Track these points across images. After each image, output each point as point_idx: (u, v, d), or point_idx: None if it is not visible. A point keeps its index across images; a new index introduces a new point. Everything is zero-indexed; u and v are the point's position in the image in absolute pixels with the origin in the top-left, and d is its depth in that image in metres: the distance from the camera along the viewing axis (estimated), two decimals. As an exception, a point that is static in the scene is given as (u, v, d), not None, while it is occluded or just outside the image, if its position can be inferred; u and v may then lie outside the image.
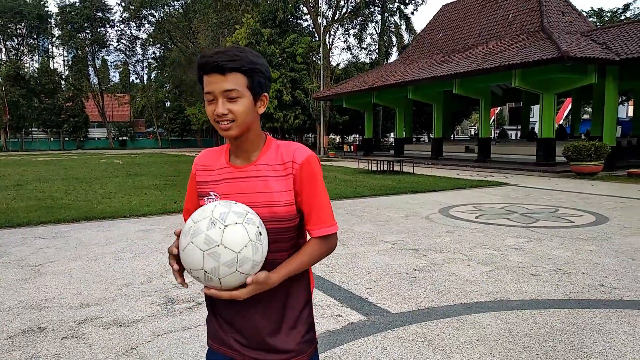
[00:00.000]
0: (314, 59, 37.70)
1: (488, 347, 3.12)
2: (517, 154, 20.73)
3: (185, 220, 1.35)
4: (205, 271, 1.18)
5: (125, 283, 4.61)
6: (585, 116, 39.91)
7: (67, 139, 54.13)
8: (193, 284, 4.49)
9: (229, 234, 1.17)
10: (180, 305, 3.99)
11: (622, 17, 39.69)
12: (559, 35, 17.74)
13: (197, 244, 1.18)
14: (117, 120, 61.83)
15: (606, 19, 40.62)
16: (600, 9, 42.47)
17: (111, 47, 56.22)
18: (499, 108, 43.19)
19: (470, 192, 11.62)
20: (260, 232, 1.23)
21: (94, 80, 56.26)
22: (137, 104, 66.04)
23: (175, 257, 1.28)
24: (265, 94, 1.35)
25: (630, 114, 33.66)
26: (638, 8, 68.39)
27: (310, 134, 51.02)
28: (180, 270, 1.29)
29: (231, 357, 1.40)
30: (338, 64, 44.82)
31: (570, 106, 28.57)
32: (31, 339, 3.34)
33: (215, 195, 1.38)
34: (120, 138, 59.40)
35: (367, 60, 45.69)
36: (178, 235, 1.27)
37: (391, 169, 17.83)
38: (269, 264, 1.30)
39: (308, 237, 1.42)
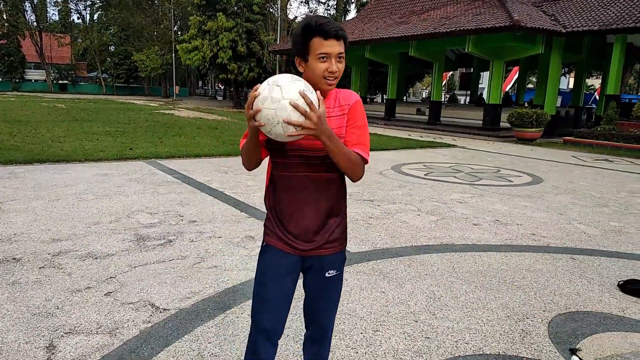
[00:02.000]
0: (271, 10, 36.74)
1: (434, 279, 3.58)
2: (465, 118, 21.61)
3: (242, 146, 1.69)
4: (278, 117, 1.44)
5: (93, 222, 4.72)
6: (530, 85, 41.64)
7: (0, 79, 50.44)
8: (162, 224, 4.70)
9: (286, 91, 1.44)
10: (151, 242, 4.19)
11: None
12: (512, 4, 18.29)
13: (269, 106, 1.44)
14: (57, 62, 57.96)
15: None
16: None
17: (51, -18, 51.86)
18: (450, 73, 44.20)
19: (421, 152, 12.20)
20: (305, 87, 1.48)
21: (32, 18, 52.08)
22: (79, 46, 62.03)
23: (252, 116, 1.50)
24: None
25: (571, 85, 35.47)
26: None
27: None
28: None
29: (282, 249, 1.72)
30: (295, 17, 43.87)
31: (517, 75, 29.75)
32: (8, 268, 3.46)
33: None
34: (60, 81, 55.99)
35: (325, 16, 45.04)
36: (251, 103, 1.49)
37: (345, 126, 18.16)
38: (324, 181, 1.68)
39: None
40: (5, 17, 48.68)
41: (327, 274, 1.77)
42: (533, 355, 2.57)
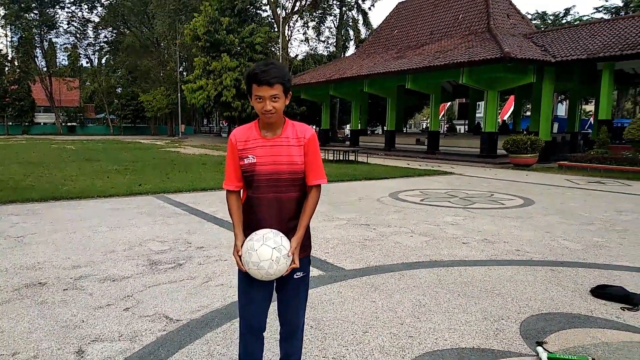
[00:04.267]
0: (273, 49, 38.04)
1: (421, 290, 3.93)
2: (463, 147, 22.13)
3: (227, 186, 2.17)
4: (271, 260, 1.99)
5: (108, 250, 5.12)
6: (528, 113, 42.37)
7: (11, 123, 51.83)
8: (172, 250, 5.09)
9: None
10: (163, 266, 4.57)
11: (564, 20, 42.36)
12: (503, 37, 19.10)
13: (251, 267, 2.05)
14: (66, 105, 59.61)
15: (549, 21, 43.21)
16: (544, 12, 45.11)
17: (61, 29, 53.96)
18: (449, 103, 45.12)
19: (418, 180, 12.62)
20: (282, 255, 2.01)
21: (42, 63, 53.93)
22: (87, 89, 63.87)
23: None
24: (290, 92, 2.07)
25: (568, 112, 36.02)
26: (577, 13, 72.79)
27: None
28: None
29: None
30: (296, 56, 45.29)
31: (513, 103, 30.45)
32: (36, 291, 3.85)
33: (252, 156, 2.08)
34: (69, 124, 57.42)
35: (325, 53, 46.44)
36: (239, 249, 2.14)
37: (347, 158, 18.69)
38: (288, 200, 2.11)
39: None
40: (16, 64, 50.48)
41: (295, 276, 2.17)
42: (504, 349, 2.91)
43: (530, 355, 2.82)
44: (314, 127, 51.23)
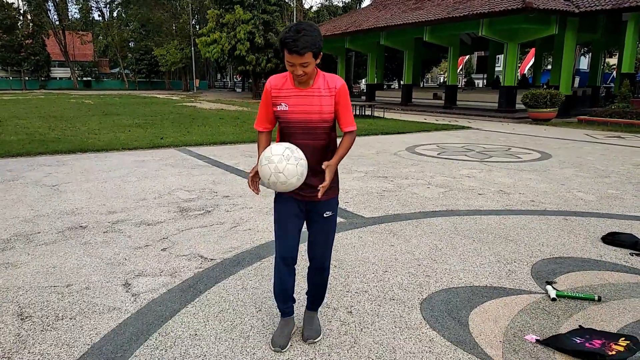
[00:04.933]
0: (287, 0, 37.18)
1: (437, 236, 4.14)
2: (481, 101, 21.84)
3: (258, 127, 2.39)
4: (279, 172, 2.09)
5: (140, 198, 5.41)
6: (549, 67, 41.23)
7: (28, 78, 52.19)
8: (200, 199, 5.35)
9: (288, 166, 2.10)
10: (193, 212, 4.84)
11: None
12: (525, -14, 18.40)
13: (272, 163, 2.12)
14: (80, 59, 59.59)
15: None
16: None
17: (71, -19, 53.14)
18: (467, 56, 43.99)
19: (436, 134, 12.66)
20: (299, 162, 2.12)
21: (54, 17, 53.59)
22: (100, 43, 63.53)
23: (253, 176, 2.26)
24: (320, 53, 2.18)
25: (590, 65, 34.98)
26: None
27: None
28: (255, 181, 2.28)
29: (289, 196, 2.35)
30: (311, 7, 44.24)
31: (533, 57, 29.65)
32: (78, 233, 4.15)
33: (285, 104, 2.25)
34: (84, 78, 57.58)
35: (340, 4, 45.25)
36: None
37: (363, 113, 18.65)
38: (320, 147, 2.28)
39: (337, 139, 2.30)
40: (30, 17, 50.24)
41: (324, 214, 2.40)
42: (515, 287, 3.13)
43: (539, 293, 3.04)
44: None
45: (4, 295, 2.94)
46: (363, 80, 46.47)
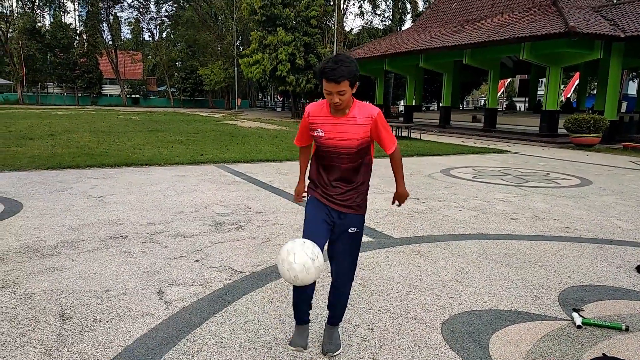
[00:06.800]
0: (328, 23, 37.92)
1: (465, 259, 4.14)
2: (522, 125, 21.43)
3: (297, 143, 2.68)
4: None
5: (178, 211, 5.65)
6: (594, 91, 40.06)
7: (80, 94, 55.04)
8: (234, 214, 5.53)
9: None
10: (226, 227, 5.03)
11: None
12: (568, 10, 18.15)
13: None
14: (130, 78, 62.45)
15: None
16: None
17: (125, 3, 56.18)
18: (509, 80, 43.37)
19: (472, 157, 12.53)
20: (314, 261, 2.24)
21: (108, 37, 56.55)
22: (149, 62, 66.35)
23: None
24: (357, 83, 2.34)
25: (640, 90, 33.77)
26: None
27: (321, 99, 51.49)
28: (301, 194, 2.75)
29: (320, 199, 2.52)
30: (351, 30, 44.91)
31: (578, 81, 28.93)
32: (119, 242, 4.40)
33: (321, 130, 2.44)
34: (133, 95, 60.18)
35: (381, 27, 45.71)
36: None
37: (400, 134, 18.67)
38: (351, 168, 2.48)
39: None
40: (85, 37, 53.24)
41: (349, 230, 2.51)
42: (540, 313, 3.10)
43: (565, 319, 3.01)
44: (368, 102, 50.91)
45: (49, 298, 3.17)
46: (402, 101, 46.48)
